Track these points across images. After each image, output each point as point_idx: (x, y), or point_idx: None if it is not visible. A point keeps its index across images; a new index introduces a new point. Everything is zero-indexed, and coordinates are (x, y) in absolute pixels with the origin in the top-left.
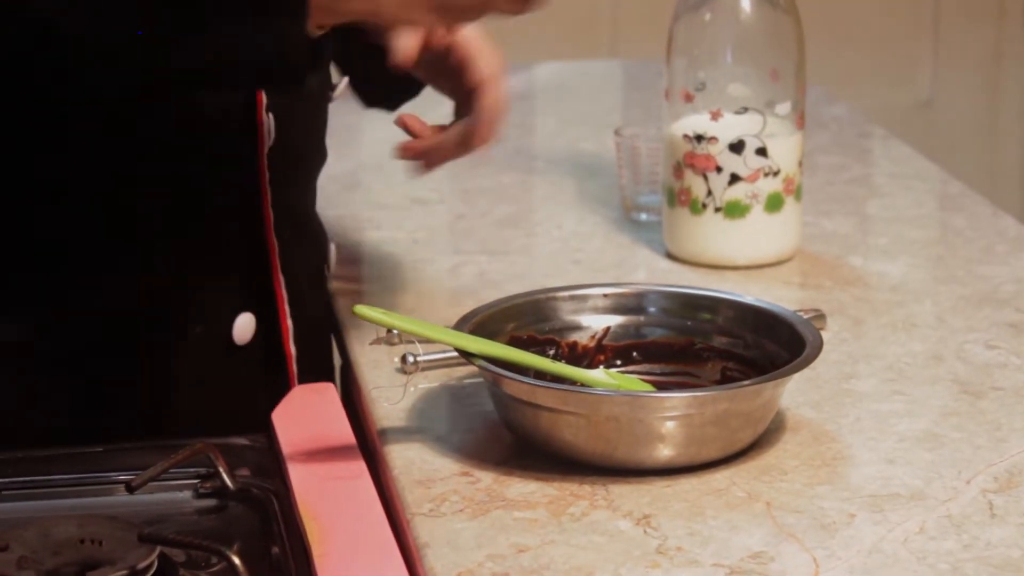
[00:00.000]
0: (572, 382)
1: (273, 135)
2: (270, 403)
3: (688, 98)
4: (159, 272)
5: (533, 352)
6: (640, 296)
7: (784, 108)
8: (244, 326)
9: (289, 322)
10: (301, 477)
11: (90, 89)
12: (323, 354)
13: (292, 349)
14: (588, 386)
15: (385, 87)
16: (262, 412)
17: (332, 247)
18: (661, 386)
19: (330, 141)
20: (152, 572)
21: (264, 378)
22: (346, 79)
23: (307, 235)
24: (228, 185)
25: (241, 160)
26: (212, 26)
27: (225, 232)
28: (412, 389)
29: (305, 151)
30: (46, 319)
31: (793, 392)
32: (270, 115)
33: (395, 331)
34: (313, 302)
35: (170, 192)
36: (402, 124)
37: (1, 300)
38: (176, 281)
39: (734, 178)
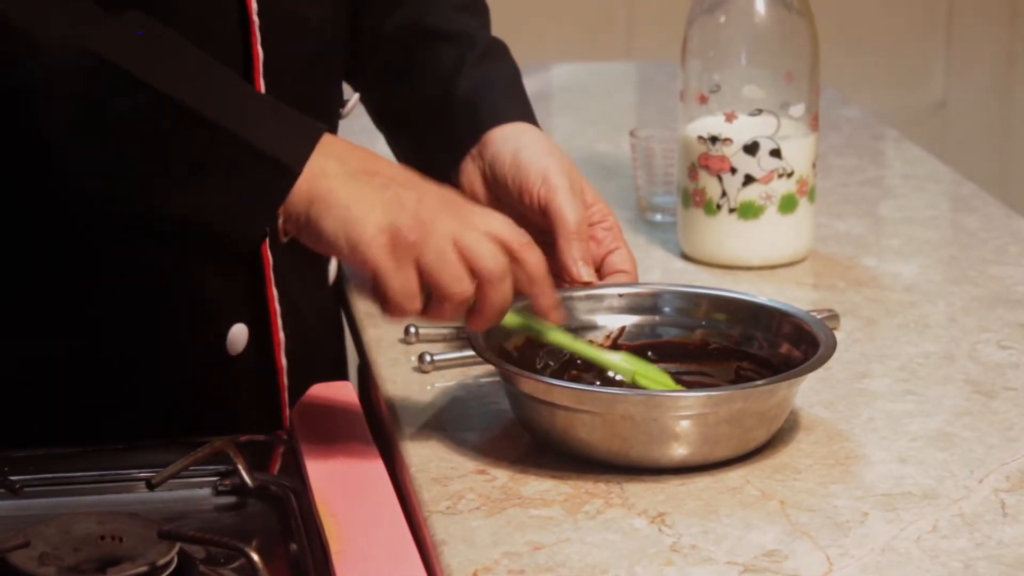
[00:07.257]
0: (591, 365)
1: None
2: (261, 413)
3: (703, 100)
4: (155, 282)
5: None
6: (655, 296)
7: (798, 110)
8: (237, 337)
9: (281, 335)
10: (319, 474)
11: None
12: (322, 365)
13: (283, 362)
14: (606, 369)
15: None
16: (253, 422)
17: (333, 261)
18: None
19: None
20: (171, 569)
21: (255, 388)
22: (356, 95)
23: (304, 250)
24: None
25: None
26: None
27: None
28: (429, 388)
29: None
30: (47, 327)
31: (807, 391)
32: None
33: (412, 330)
34: (309, 315)
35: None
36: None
37: (7, 309)
38: (171, 292)
39: (748, 179)
